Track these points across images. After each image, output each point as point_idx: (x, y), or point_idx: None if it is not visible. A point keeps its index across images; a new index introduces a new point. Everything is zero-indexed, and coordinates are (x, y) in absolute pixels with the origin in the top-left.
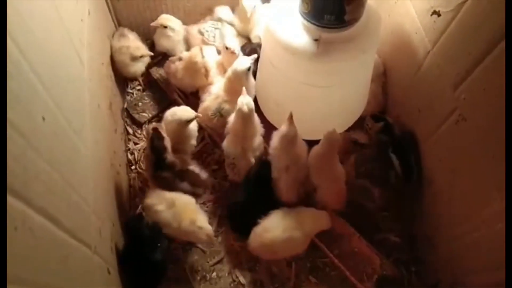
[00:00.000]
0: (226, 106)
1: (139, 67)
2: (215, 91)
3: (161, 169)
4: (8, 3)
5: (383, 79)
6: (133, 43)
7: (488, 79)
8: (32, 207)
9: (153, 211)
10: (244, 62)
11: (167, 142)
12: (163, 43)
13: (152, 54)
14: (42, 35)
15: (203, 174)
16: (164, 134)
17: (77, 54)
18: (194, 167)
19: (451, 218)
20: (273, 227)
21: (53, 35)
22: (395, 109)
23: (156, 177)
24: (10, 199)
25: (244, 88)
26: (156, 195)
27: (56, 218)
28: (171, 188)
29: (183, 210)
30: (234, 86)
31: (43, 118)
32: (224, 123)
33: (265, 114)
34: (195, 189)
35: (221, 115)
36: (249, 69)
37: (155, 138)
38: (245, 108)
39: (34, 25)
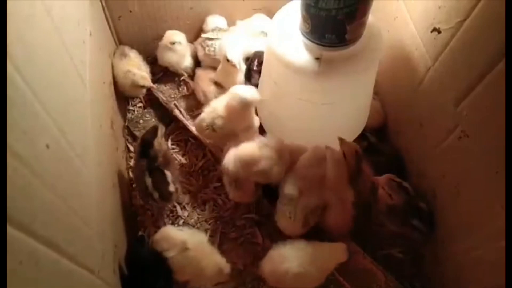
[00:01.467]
0: (219, 122)
1: (141, 92)
2: (214, 105)
3: (143, 157)
4: (11, 30)
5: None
6: (139, 71)
7: (489, 97)
8: (37, 239)
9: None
10: (249, 94)
11: (157, 144)
12: (169, 59)
13: (154, 87)
14: (45, 61)
15: (172, 187)
16: (159, 134)
17: (80, 76)
18: (169, 173)
19: (455, 233)
20: (290, 258)
21: (55, 60)
22: (396, 123)
23: (135, 167)
24: (15, 232)
25: None
26: (165, 239)
27: (60, 247)
28: (140, 179)
29: (198, 252)
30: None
31: (47, 146)
32: (219, 138)
33: (267, 130)
34: (153, 192)
35: (213, 129)
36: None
37: (148, 132)
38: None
39: (37, 52)
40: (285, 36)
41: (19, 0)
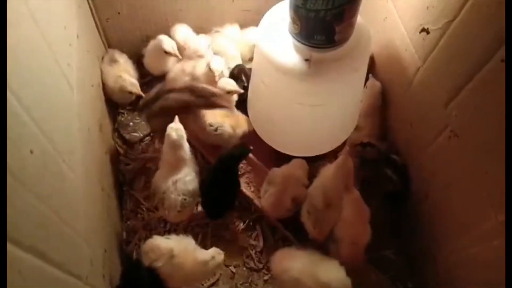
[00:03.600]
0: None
1: (130, 98)
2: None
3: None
4: None
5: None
6: (129, 77)
7: (478, 97)
8: (20, 247)
9: (153, 267)
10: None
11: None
12: (163, 67)
13: (143, 95)
14: (29, 65)
15: None
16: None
17: (66, 79)
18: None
19: (447, 234)
20: (298, 261)
21: (40, 64)
22: (387, 123)
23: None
24: None
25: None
26: (152, 249)
27: (45, 254)
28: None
29: (183, 258)
30: None
31: (31, 152)
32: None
33: (257, 131)
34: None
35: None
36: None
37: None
38: (174, 135)
39: (20, 56)
40: (274, 38)
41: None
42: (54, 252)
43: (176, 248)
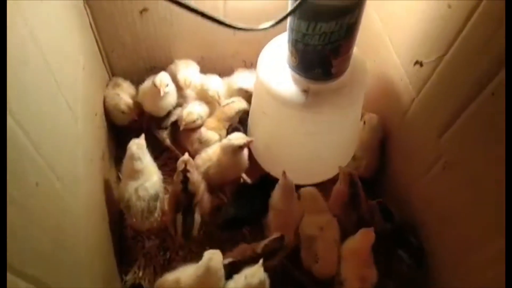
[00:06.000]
0: (214, 170)
1: (126, 119)
2: (209, 152)
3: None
4: None
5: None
6: (125, 97)
7: (470, 128)
8: (23, 278)
9: None
10: (239, 139)
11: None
12: (164, 105)
13: (136, 118)
14: (36, 100)
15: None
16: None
17: (71, 111)
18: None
19: (440, 264)
20: None
21: (47, 98)
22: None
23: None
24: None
25: None
26: (161, 284)
27: (47, 286)
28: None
29: (189, 281)
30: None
31: (37, 184)
32: (213, 180)
33: (256, 158)
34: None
35: (208, 174)
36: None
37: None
38: (134, 148)
39: (28, 91)
40: (273, 69)
41: (12, 41)
42: (56, 282)
43: (182, 276)
